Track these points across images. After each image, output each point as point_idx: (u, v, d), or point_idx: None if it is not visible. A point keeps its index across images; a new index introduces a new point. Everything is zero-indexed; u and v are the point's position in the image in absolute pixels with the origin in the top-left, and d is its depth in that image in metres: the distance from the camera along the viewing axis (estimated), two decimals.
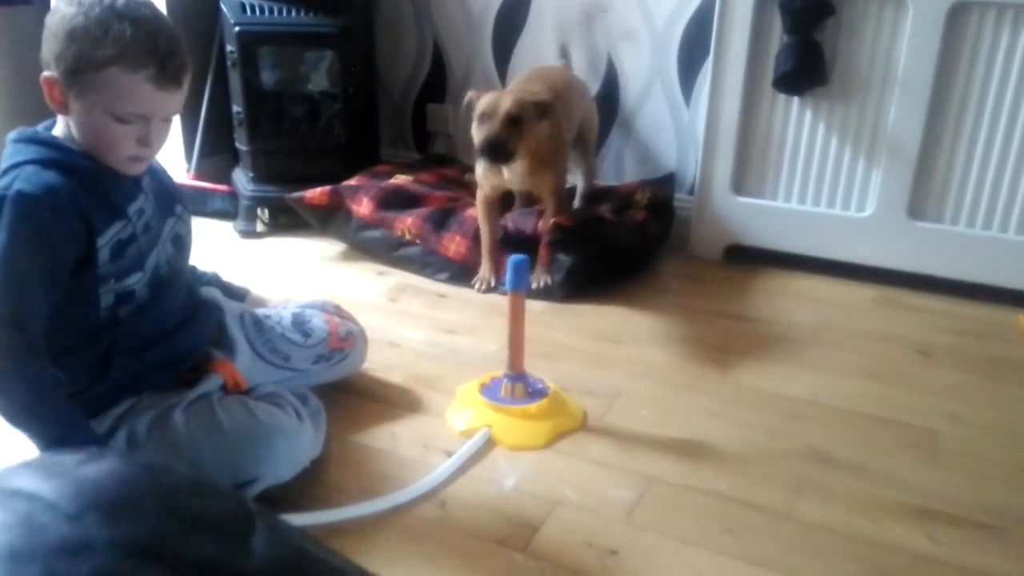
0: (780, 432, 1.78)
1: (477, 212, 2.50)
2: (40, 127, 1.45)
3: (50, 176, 1.35)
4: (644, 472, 1.64)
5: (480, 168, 2.44)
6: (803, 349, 2.13)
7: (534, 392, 1.82)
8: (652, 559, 1.42)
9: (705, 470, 1.65)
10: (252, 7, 2.72)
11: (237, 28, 2.69)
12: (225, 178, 2.99)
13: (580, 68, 2.95)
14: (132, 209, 1.47)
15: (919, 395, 1.93)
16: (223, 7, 2.74)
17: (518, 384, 1.80)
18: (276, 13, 2.72)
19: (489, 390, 1.83)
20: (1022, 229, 2.33)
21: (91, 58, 1.33)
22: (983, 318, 2.31)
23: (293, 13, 2.73)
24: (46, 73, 1.36)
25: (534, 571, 1.39)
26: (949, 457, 1.71)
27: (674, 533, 1.48)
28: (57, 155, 1.39)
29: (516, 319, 1.77)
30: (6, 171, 1.37)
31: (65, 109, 1.39)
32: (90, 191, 1.40)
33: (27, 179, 1.34)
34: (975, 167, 2.34)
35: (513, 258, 1.74)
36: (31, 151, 1.39)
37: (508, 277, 1.75)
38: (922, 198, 2.41)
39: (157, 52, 1.35)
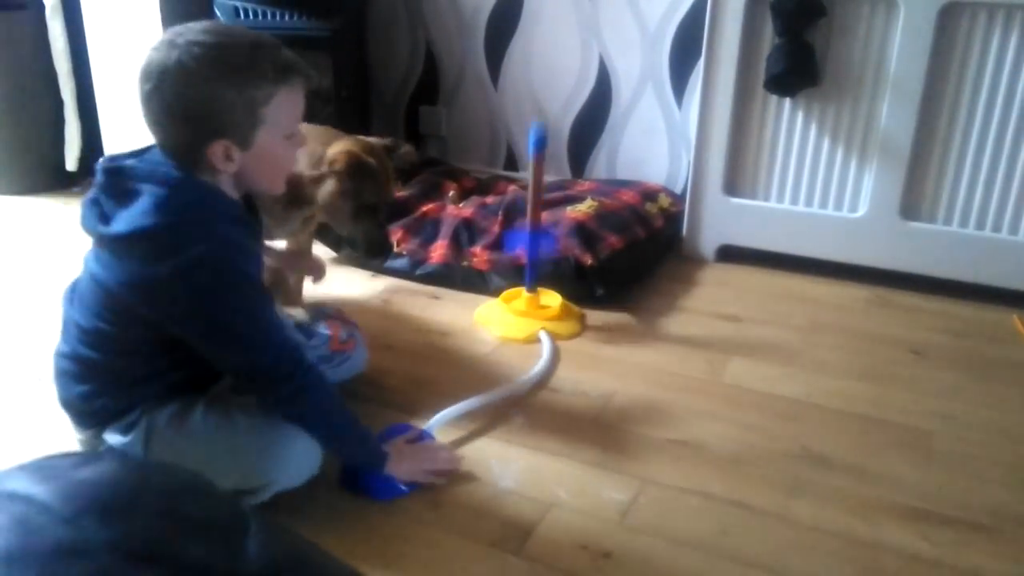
0: (774, 433, 1.79)
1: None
2: (181, 170, 1.33)
3: (230, 233, 1.33)
4: (638, 474, 1.64)
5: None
6: (796, 350, 2.13)
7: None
8: (647, 561, 1.42)
9: (699, 471, 1.65)
10: (245, 11, 2.72)
11: None
12: None
13: (572, 69, 2.95)
14: (257, 252, 1.49)
15: (913, 395, 1.94)
16: (216, 11, 2.74)
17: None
18: (269, 16, 2.72)
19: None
20: (1015, 229, 2.34)
21: (259, 92, 1.30)
22: (976, 318, 2.32)
23: (286, 16, 2.73)
24: (216, 143, 1.30)
25: (528, 573, 1.38)
26: (943, 457, 1.72)
27: (669, 535, 1.48)
28: (226, 208, 1.37)
29: (535, 179, 2.09)
30: (185, 217, 1.30)
31: (230, 167, 1.34)
32: (252, 243, 1.41)
33: (216, 239, 1.30)
34: (967, 167, 2.34)
35: (534, 125, 2.06)
36: (202, 201, 1.34)
37: (531, 142, 2.06)
38: (915, 198, 2.42)
39: (284, 58, 1.33)
